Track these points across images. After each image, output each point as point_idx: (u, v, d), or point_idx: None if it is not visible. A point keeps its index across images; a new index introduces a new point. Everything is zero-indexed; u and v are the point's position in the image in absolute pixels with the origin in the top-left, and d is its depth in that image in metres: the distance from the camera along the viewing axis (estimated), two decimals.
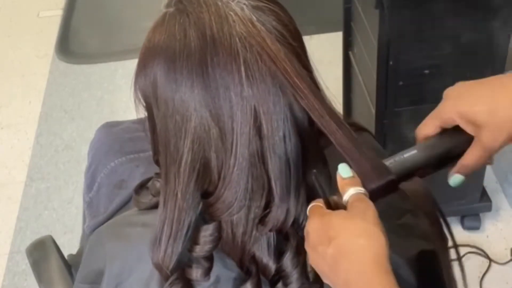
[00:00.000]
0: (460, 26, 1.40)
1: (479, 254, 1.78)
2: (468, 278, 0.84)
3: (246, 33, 0.60)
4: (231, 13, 0.61)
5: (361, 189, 0.60)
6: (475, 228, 1.84)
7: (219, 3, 0.62)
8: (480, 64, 1.47)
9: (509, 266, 1.76)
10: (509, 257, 1.77)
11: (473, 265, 1.76)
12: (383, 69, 1.43)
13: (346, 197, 0.59)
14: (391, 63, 1.42)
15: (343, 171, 0.61)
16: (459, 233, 1.84)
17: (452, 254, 1.56)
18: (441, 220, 0.79)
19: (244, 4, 0.62)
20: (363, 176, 0.61)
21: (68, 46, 2.83)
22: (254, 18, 0.61)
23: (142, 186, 0.82)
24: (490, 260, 1.76)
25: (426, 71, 1.45)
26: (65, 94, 2.55)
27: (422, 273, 0.77)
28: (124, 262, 0.74)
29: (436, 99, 1.66)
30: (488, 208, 1.83)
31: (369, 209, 0.57)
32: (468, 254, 1.78)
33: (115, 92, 2.51)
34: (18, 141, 2.35)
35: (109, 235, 0.79)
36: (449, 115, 0.66)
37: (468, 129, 0.65)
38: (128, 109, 2.37)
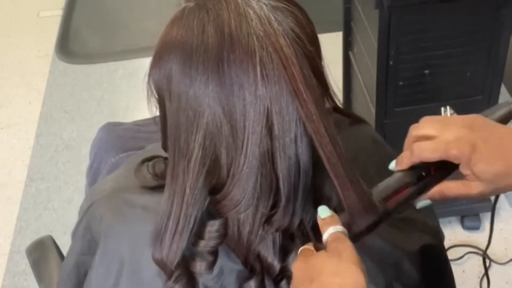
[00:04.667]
0: (460, 26, 1.40)
1: (479, 254, 1.78)
2: (468, 278, 0.84)
3: (263, 32, 0.60)
4: (250, 11, 0.61)
5: (339, 228, 0.61)
6: (475, 228, 1.84)
7: (239, 1, 0.62)
8: (480, 64, 1.47)
9: (509, 266, 1.76)
10: (509, 257, 1.77)
11: (473, 265, 1.77)
12: (383, 69, 1.43)
13: (325, 236, 0.61)
14: (391, 63, 1.42)
15: (322, 212, 0.63)
16: (459, 233, 1.84)
17: (452, 254, 1.56)
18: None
19: (264, 3, 0.62)
20: (351, 216, 0.62)
21: (68, 46, 2.83)
22: (273, 18, 0.61)
23: (148, 160, 0.80)
24: (490, 260, 1.76)
25: (426, 71, 1.45)
26: (65, 94, 2.55)
27: (424, 267, 0.77)
28: (120, 241, 0.74)
29: (436, 99, 1.66)
30: (488, 208, 1.82)
31: (346, 248, 0.59)
32: (468, 254, 1.78)
33: (115, 92, 2.51)
34: (18, 141, 2.35)
35: (107, 210, 0.77)
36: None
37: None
38: (128, 109, 2.38)
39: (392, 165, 0.67)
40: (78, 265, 0.82)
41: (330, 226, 0.61)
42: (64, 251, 1.09)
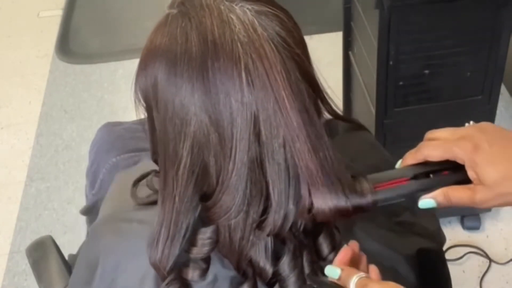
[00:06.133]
0: (460, 26, 1.40)
1: (479, 254, 1.78)
2: (468, 278, 0.84)
3: (247, 38, 0.60)
4: (234, 17, 0.61)
5: (362, 274, 0.62)
6: (475, 228, 1.84)
7: (222, 7, 0.61)
8: (480, 64, 1.47)
9: (509, 266, 1.76)
10: (509, 257, 1.77)
11: (473, 265, 1.77)
12: (383, 69, 1.43)
13: (352, 285, 0.61)
14: (391, 63, 1.42)
15: (332, 272, 0.63)
16: (459, 233, 1.84)
17: (452, 254, 1.56)
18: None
19: (248, 8, 0.61)
20: (317, 213, 0.63)
21: (68, 46, 2.83)
22: (257, 23, 0.61)
23: (140, 181, 0.81)
24: (490, 260, 1.76)
25: (426, 71, 1.45)
26: (65, 94, 2.55)
27: (421, 270, 0.77)
28: (119, 258, 0.74)
29: (436, 99, 1.66)
30: (488, 208, 1.83)
31: None
32: (468, 254, 1.78)
33: (115, 92, 2.51)
34: (18, 141, 2.35)
35: (104, 230, 0.79)
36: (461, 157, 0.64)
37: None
38: (128, 109, 2.37)
39: (398, 164, 0.68)
40: None
41: (353, 276, 0.61)
42: (64, 251, 1.10)
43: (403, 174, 0.65)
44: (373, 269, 0.65)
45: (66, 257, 1.09)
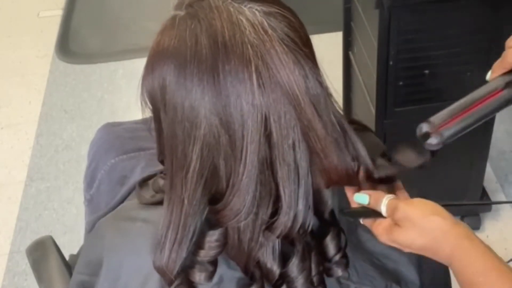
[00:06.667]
0: (460, 26, 1.40)
1: None
2: None
3: (258, 40, 0.60)
4: (243, 19, 0.60)
5: (389, 196, 0.65)
6: (475, 228, 1.84)
7: (231, 9, 0.61)
8: (481, 64, 1.47)
9: None
10: (509, 257, 1.77)
11: None
12: (383, 69, 1.43)
13: (383, 209, 0.65)
14: (391, 63, 1.42)
15: (361, 199, 0.67)
16: None
17: None
18: None
19: (256, 9, 0.61)
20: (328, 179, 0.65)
21: (68, 46, 2.83)
22: (266, 25, 0.61)
23: (146, 181, 0.81)
24: None
25: (426, 71, 1.45)
26: (65, 94, 2.55)
27: (424, 271, 0.77)
28: (123, 256, 0.74)
29: (436, 99, 1.66)
30: (488, 208, 1.82)
31: (408, 210, 0.62)
32: None
33: (115, 92, 2.51)
34: (18, 141, 2.35)
35: (108, 228, 0.78)
36: None
37: None
38: (128, 109, 2.37)
39: (488, 75, 0.68)
40: (77, 284, 0.83)
41: (382, 199, 0.65)
42: (64, 251, 1.10)
43: (495, 87, 0.66)
44: (396, 184, 0.69)
45: (67, 257, 1.09)
